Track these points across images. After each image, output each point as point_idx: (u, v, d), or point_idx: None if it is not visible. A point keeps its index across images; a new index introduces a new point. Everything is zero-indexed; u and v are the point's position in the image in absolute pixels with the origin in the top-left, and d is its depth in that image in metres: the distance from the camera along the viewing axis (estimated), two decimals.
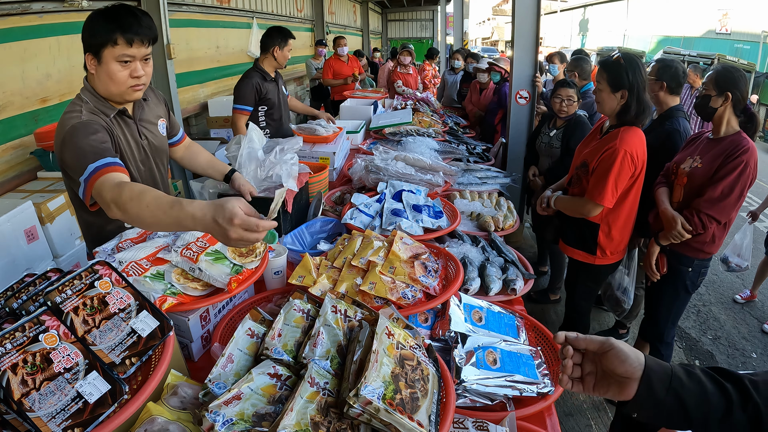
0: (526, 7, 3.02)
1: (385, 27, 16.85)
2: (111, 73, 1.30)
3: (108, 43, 1.26)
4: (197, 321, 1.18)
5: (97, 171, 1.16)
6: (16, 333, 0.77)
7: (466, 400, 1.06)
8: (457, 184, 2.47)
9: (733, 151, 1.77)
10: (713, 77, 1.83)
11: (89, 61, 1.31)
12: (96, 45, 1.27)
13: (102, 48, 1.27)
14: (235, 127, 2.93)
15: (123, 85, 1.33)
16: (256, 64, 2.96)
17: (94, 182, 1.15)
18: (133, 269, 1.11)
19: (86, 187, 1.17)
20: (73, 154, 1.22)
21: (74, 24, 3.05)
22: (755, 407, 0.65)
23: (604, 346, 0.73)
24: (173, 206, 0.93)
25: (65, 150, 1.25)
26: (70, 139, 1.24)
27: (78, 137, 1.23)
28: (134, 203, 1.00)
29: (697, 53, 10.39)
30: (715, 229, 1.87)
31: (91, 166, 1.16)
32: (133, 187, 1.04)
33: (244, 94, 2.87)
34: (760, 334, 3.09)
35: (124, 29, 1.25)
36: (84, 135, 1.24)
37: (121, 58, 1.28)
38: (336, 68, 5.87)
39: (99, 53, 1.28)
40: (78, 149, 1.21)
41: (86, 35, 1.28)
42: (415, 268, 1.32)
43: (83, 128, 1.26)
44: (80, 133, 1.24)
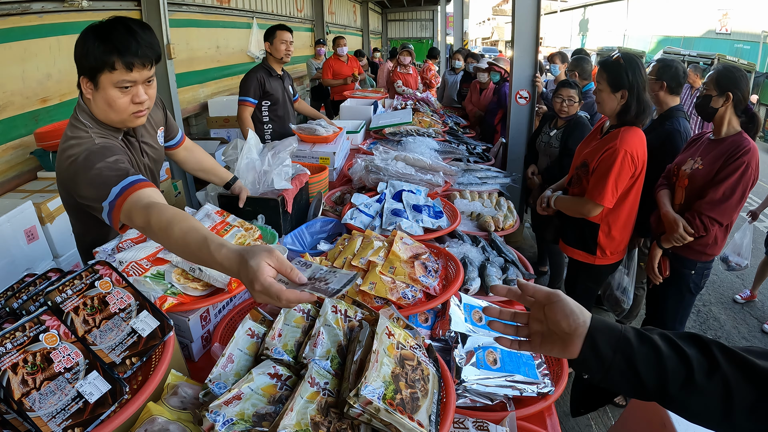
0: (526, 7, 3.02)
1: (385, 27, 16.85)
2: (110, 101, 1.16)
3: (104, 68, 1.11)
4: (197, 321, 1.18)
5: (123, 192, 1.03)
6: (17, 333, 0.77)
7: (466, 400, 1.06)
8: (457, 184, 2.47)
9: (734, 152, 1.76)
10: (714, 77, 1.83)
11: (84, 84, 1.16)
12: (91, 69, 1.12)
13: (98, 73, 1.12)
14: (239, 119, 3.03)
15: (124, 113, 1.19)
16: (264, 61, 3.10)
17: (121, 205, 1.02)
18: (133, 269, 1.11)
19: (112, 211, 1.04)
20: (92, 181, 1.08)
21: (74, 24, 3.05)
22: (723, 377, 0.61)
23: (550, 296, 0.72)
24: (201, 249, 0.85)
25: (80, 180, 1.11)
26: (86, 166, 1.10)
27: (95, 162, 1.10)
28: (163, 235, 0.93)
29: (697, 53, 10.40)
30: (717, 230, 1.86)
31: (115, 188, 1.04)
32: (161, 215, 0.94)
33: (247, 86, 2.97)
34: (760, 334, 3.09)
35: (121, 52, 1.10)
36: (101, 158, 1.11)
37: (121, 84, 1.14)
38: (336, 68, 5.87)
39: (95, 78, 1.13)
40: (97, 175, 1.08)
41: (79, 56, 1.13)
42: (415, 268, 1.32)
43: (100, 152, 1.13)
44: (97, 158, 1.11)
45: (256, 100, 3.01)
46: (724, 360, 0.62)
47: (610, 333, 0.67)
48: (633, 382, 0.65)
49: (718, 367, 0.62)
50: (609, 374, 0.66)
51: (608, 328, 0.68)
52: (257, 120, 3.11)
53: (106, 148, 1.15)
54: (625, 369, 0.65)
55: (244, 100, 2.97)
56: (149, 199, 1.02)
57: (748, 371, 0.61)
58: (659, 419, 1.29)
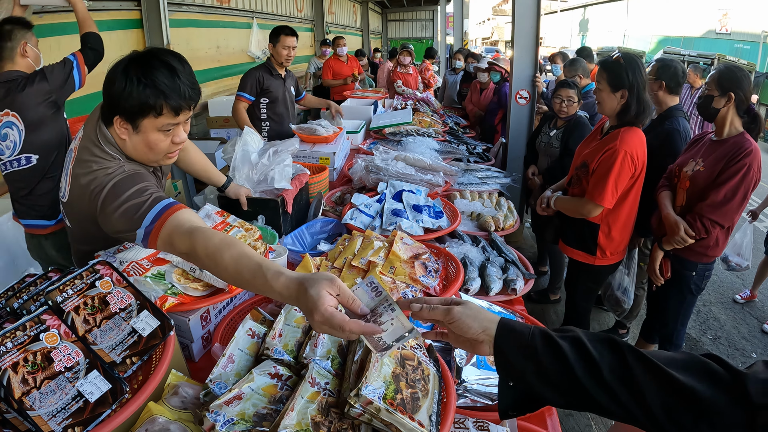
0: (526, 7, 3.02)
1: (385, 27, 16.85)
2: (151, 144, 1.10)
3: (150, 112, 1.04)
4: (198, 321, 1.18)
5: (160, 217, 0.97)
6: (17, 332, 0.77)
7: (466, 400, 1.06)
8: (457, 184, 2.47)
9: (735, 154, 1.75)
10: (716, 77, 1.82)
11: (119, 125, 1.08)
12: (133, 112, 1.05)
13: (142, 117, 1.05)
14: (233, 112, 3.08)
15: (161, 153, 1.14)
16: (267, 60, 3.14)
17: (159, 230, 0.96)
18: (134, 269, 1.11)
19: (148, 236, 0.97)
20: (124, 211, 1.00)
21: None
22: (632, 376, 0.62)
23: (447, 317, 0.75)
24: (256, 277, 0.81)
25: (107, 209, 1.03)
26: (115, 195, 1.03)
27: (124, 190, 1.03)
28: (211, 262, 0.87)
29: (697, 53, 10.41)
30: (719, 232, 1.86)
31: (150, 214, 0.97)
32: (208, 242, 0.88)
33: (244, 82, 3.03)
34: (760, 334, 3.09)
35: (169, 97, 1.04)
36: (130, 185, 1.04)
37: (165, 128, 1.09)
38: (335, 68, 5.88)
39: (135, 121, 1.07)
40: (127, 203, 1.01)
41: (117, 96, 1.03)
42: (416, 268, 1.32)
43: (130, 179, 1.06)
44: (126, 185, 1.04)
45: (253, 97, 3.05)
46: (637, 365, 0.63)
47: (518, 341, 0.70)
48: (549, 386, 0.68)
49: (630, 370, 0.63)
50: (524, 380, 0.69)
51: (515, 336, 0.71)
52: (255, 117, 3.13)
53: (136, 174, 1.09)
54: (536, 374, 0.68)
55: (240, 95, 3.04)
56: (190, 223, 0.95)
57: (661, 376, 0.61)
58: None
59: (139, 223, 0.98)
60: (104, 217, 1.05)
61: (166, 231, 0.95)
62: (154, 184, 1.10)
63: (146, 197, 1.01)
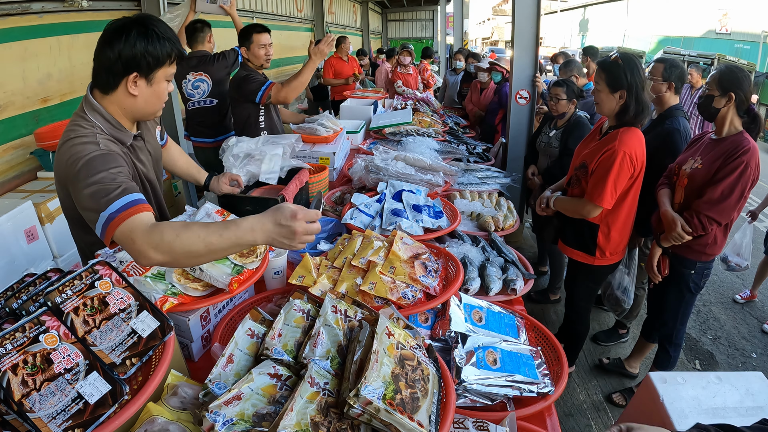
0: (526, 7, 3.02)
1: (385, 27, 16.85)
2: (160, 93, 1.21)
3: (166, 61, 1.17)
4: (197, 321, 1.18)
5: (123, 211, 0.99)
6: (17, 333, 0.77)
7: (466, 400, 1.06)
8: (457, 184, 2.47)
9: (733, 152, 1.76)
10: (717, 77, 1.82)
11: (132, 83, 1.16)
12: (153, 66, 1.15)
13: (159, 67, 1.16)
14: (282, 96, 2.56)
15: (163, 101, 1.25)
16: (243, 67, 2.69)
17: (119, 223, 0.98)
18: (133, 269, 1.11)
19: (107, 227, 1.00)
20: (92, 190, 1.04)
21: (74, 24, 3.05)
22: None
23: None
24: (228, 227, 0.91)
25: (79, 183, 1.07)
26: (87, 173, 1.07)
27: (98, 169, 1.07)
28: (181, 239, 0.91)
29: (697, 53, 10.40)
30: (717, 230, 1.86)
31: (115, 204, 1.00)
32: (172, 225, 0.94)
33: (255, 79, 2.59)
34: (760, 334, 3.09)
35: (175, 45, 1.17)
36: (103, 166, 1.08)
37: (169, 76, 1.21)
38: (337, 68, 5.88)
39: (151, 74, 1.16)
40: (97, 184, 1.04)
41: (137, 56, 1.13)
42: (415, 268, 1.32)
43: (103, 159, 1.10)
44: (99, 165, 1.08)
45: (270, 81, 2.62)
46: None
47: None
48: None
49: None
50: None
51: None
52: (255, 124, 2.76)
53: (110, 156, 1.12)
54: None
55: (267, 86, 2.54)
56: (151, 221, 0.99)
57: None
58: (659, 419, 1.29)
59: (104, 206, 1.01)
60: (75, 190, 1.10)
61: (127, 226, 0.98)
62: (126, 169, 1.14)
63: (116, 185, 1.05)
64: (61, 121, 2.85)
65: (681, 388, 1.34)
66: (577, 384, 2.54)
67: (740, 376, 1.40)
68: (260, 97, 2.59)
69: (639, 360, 2.54)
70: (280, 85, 2.60)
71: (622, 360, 2.60)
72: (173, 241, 0.92)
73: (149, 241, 0.93)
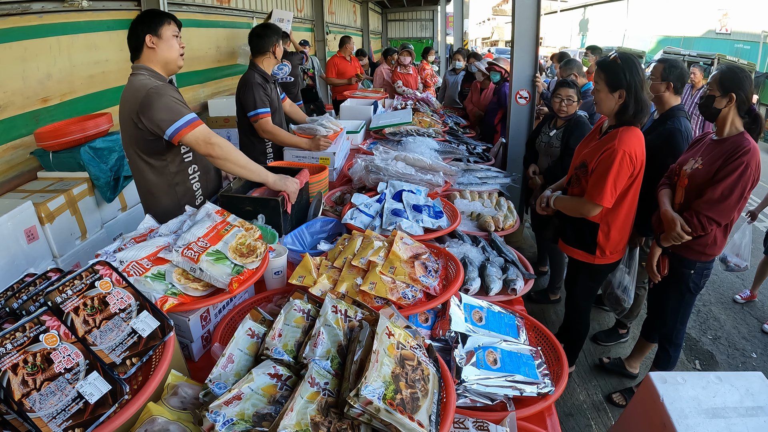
0: (526, 7, 3.02)
1: (385, 27, 16.84)
2: (171, 43, 1.74)
3: (165, 22, 1.71)
4: (197, 321, 1.18)
5: (193, 121, 1.66)
6: (17, 333, 0.77)
7: (466, 400, 1.06)
8: (457, 184, 2.47)
9: (733, 153, 1.76)
10: (718, 78, 1.82)
11: (149, 40, 1.69)
12: (156, 26, 1.69)
13: (161, 26, 1.70)
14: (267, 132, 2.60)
15: (177, 53, 1.77)
16: (256, 67, 2.65)
17: (193, 128, 1.66)
18: (134, 269, 1.11)
19: (178, 132, 1.64)
20: (164, 107, 1.62)
21: (74, 24, 3.05)
22: None
23: None
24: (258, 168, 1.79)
25: (155, 104, 1.62)
26: (157, 97, 1.62)
27: (167, 93, 1.65)
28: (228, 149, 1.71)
29: (697, 53, 10.39)
30: (717, 231, 1.86)
31: (188, 116, 1.65)
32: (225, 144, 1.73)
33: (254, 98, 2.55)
34: (760, 334, 3.09)
35: (170, 16, 1.76)
36: (167, 93, 1.65)
37: (175, 33, 1.75)
38: (340, 67, 5.88)
39: (158, 31, 1.69)
40: (168, 103, 1.63)
41: (145, 22, 1.69)
42: (416, 268, 1.32)
43: (164, 89, 1.65)
44: (163, 92, 1.63)
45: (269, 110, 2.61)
46: None
47: None
48: None
49: None
50: None
51: None
52: (258, 135, 2.68)
53: (169, 87, 1.69)
54: None
55: (259, 112, 2.55)
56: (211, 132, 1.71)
57: None
58: (659, 419, 1.29)
59: (178, 117, 1.65)
60: (148, 109, 1.63)
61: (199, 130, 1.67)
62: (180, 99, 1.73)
63: (183, 106, 1.70)
64: (61, 121, 2.85)
65: (681, 388, 1.34)
66: (577, 384, 2.54)
67: (740, 376, 1.40)
68: (252, 115, 2.59)
69: (639, 360, 2.54)
70: (269, 121, 2.61)
71: (622, 360, 2.60)
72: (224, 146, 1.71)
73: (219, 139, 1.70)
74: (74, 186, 2.56)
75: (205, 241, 1.22)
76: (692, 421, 1.24)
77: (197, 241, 1.21)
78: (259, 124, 2.58)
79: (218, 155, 1.69)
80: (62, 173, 2.71)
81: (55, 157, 2.66)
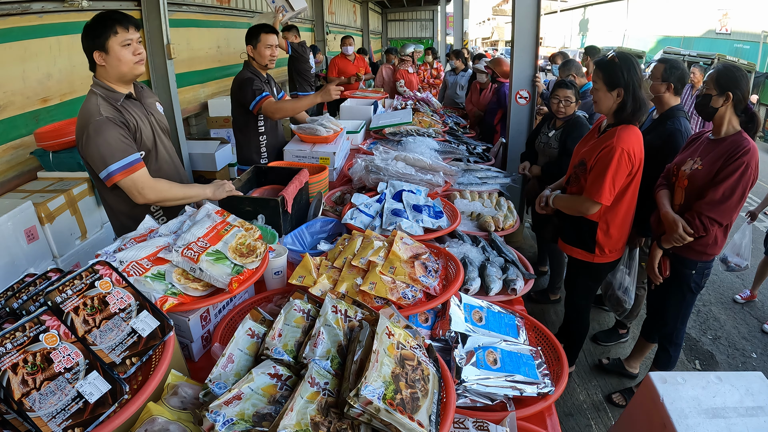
0: (526, 7, 3.02)
1: (385, 27, 16.83)
2: (120, 55, 1.57)
3: (110, 34, 1.54)
4: (197, 321, 1.18)
5: (127, 168, 1.57)
6: (17, 333, 0.77)
7: (466, 400, 1.06)
8: (457, 184, 2.47)
9: (733, 153, 1.76)
10: (714, 77, 1.82)
11: (98, 57, 1.57)
12: (101, 40, 1.54)
13: (106, 41, 1.54)
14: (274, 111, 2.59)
15: (129, 64, 1.59)
16: (247, 65, 2.70)
17: (130, 172, 1.57)
18: (133, 269, 1.11)
19: (114, 176, 1.55)
20: (97, 150, 1.53)
21: (74, 24, 3.05)
22: None
23: None
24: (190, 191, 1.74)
25: (89, 145, 1.54)
26: (95, 134, 1.53)
27: (101, 132, 1.53)
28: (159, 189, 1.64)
29: (697, 53, 10.38)
30: (717, 231, 1.86)
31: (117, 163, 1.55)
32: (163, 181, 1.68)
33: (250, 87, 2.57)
34: (760, 334, 3.09)
35: (118, 21, 1.56)
36: (107, 130, 1.54)
37: (124, 43, 1.57)
38: (341, 66, 5.88)
39: (104, 46, 1.55)
40: (105, 142, 1.53)
41: (90, 37, 1.55)
42: (416, 268, 1.32)
43: (104, 125, 1.54)
44: (102, 128, 1.53)
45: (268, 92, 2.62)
46: None
47: None
48: None
49: None
50: None
51: None
52: (253, 131, 2.73)
53: (108, 121, 1.55)
54: None
55: (260, 98, 2.55)
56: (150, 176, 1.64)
57: None
58: (659, 419, 1.29)
59: (107, 164, 1.55)
60: (84, 146, 1.55)
61: (130, 180, 1.58)
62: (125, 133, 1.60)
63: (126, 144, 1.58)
64: (60, 122, 2.85)
65: (681, 388, 1.34)
66: (577, 384, 2.54)
67: (740, 376, 1.40)
68: (254, 105, 2.59)
69: (639, 360, 2.54)
70: (273, 100, 2.64)
71: (622, 360, 2.60)
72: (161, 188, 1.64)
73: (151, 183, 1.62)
74: (74, 186, 2.56)
75: (204, 241, 1.22)
76: (692, 421, 1.24)
77: (197, 241, 1.21)
78: (264, 107, 2.58)
79: (154, 200, 1.64)
80: (62, 173, 2.71)
81: (55, 157, 2.66)
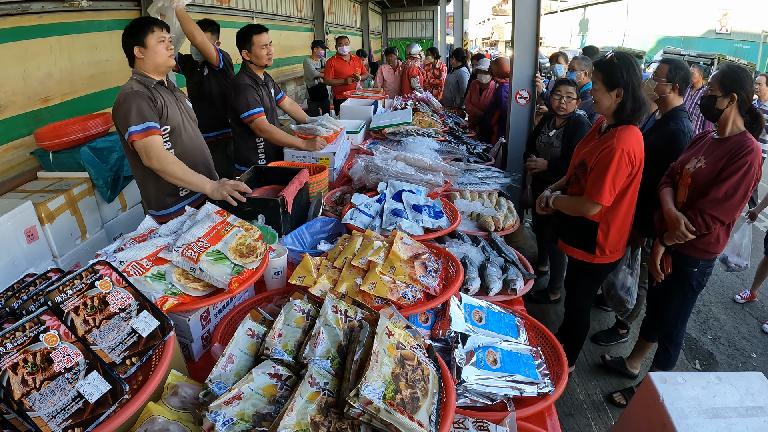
0: (526, 7, 3.02)
1: (385, 27, 16.84)
2: (157, 50, 1.88)
3: (149, 31, 1.86)
4: (197, 321, 1.18)
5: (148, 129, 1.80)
6: (17, 333, 0.77)
7: (466, 400, 1.06)
8: (457, 184, 2.47)
9: (737, 152, 1.76)
10: (719, 77, 1.83)
11: (137, 51, 1.87)
12: (141, 37, 1.85)
13: (145, 37, 1.85)
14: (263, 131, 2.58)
15: (164, 56, 1.91)
16: (244, 68, 2.67)
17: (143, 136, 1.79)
18: (134, 269, 1.11)
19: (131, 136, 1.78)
20: (126, 111, 1.79)
21: (74, 24, 3.05)
22: None
23: None
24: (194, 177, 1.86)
25: (117, 109, 1.83)
26: (125, 101, 1.80)
27: (131, 99, 1.80)
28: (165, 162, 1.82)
29: (697, 53, 10.39)
30: (720, 229, 1.87)
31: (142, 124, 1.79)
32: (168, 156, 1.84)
33: (246, 98, 2.55)
34: (760, 334, 3.09)
35: (154, 22, 1.90)
36: (136, 99, 1.80)
37: (160, 39, 1.88)
38: (337, 67, 5.87)
39: (144, 42, 1.85)
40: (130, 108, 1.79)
41: (132, 35, 1.85)
42: (416, 268, 1.32)
43: (135, 95, 1.81)
44: (132, 97, 1.80)
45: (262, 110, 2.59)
46: None
47: None
48: None
49: None
50: None
51: None
52: (250, 131, 2.65)
53: (144, 93, 1.84)
54: None
55: (253, 113, 2.54)
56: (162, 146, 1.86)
57: None
58: (659, 419, 1.29)
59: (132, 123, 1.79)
60: (114, 111, 1.86)
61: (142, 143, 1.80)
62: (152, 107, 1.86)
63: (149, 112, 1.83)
64: (61, 121, 2.85)
65: (681, 388, 1.34)
66: (577, 384, 2.54)
67: (740, 376, 1.40)
68: (245, 117, 2.57)
69: (639, 360, 2.54)
70: (266, 120, 2.60)
71: (623, 360, 2.60)
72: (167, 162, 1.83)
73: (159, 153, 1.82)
74: (74, 186, 2.56)
75: (205, 241, 1.22)
76: (692, 421, 1.24)
77: (197, 241, 1.21)
78: (254, 124, 2.58)
79: (157, 168, 1.82)
80: (62, 173, 2.71)
81: (55, 157, 2.66)
